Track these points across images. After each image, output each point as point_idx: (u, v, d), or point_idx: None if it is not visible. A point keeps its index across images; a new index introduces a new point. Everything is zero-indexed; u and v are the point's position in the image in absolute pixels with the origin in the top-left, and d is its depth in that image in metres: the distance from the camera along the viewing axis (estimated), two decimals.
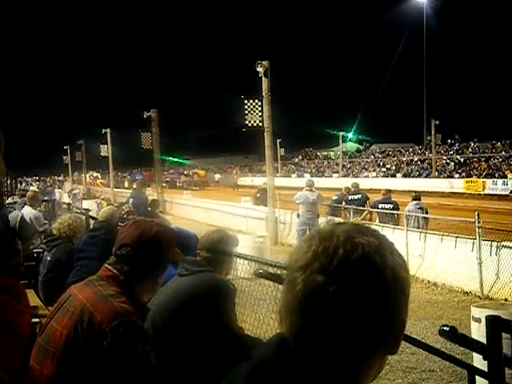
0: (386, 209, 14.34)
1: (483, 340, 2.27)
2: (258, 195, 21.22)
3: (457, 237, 11.29)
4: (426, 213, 14.12)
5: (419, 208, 13.96)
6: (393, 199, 14.96)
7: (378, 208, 14.53)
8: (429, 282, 11.34)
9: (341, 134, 59.24)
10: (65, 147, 54.40)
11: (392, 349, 1.07)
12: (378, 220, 14.39)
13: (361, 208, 14.92)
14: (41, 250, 7.44)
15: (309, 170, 64.91)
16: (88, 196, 33.71)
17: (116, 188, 42.12)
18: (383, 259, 1.04)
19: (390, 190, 15.42)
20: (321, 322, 1.02)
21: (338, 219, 14.45)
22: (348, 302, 1.01)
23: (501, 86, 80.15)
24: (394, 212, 14.21)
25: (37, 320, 3.72)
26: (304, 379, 1.03)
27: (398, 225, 13.60)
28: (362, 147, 72.53)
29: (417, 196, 14.44)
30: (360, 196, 15.35)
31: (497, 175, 39.49)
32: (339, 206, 15.84)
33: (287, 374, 1.03)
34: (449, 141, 51.99)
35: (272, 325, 4.06)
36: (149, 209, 13.60)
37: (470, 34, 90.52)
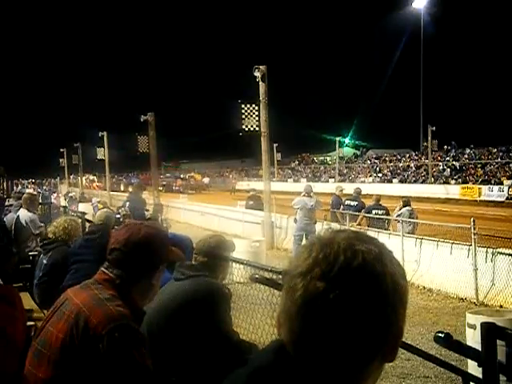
0: (379, 214, 14.43)
1: (478, 347, 2.27)
2: (251, 202, 21.10)
3: (452, 243, 11.30)
4: (417, 219, 14.21)
5: (412, 214, 14.06)
6: (383, 205, 15.07)
7: (370, 213, 14.59)
8: (424, 287, 11.34)
9: (337, 139, 59.03)
10: (61, 150, 54.45)
11: (390, 356, 1.08)
12: (367, 225, 14.42)
13: (356, 213, 14.94)
14: (36, 253, 7.41)
15: (305, 175, 64.95)
16: (84, 199, 33.61)
17: (112, 191, 42.07)
18: (383, 267, 1.05)
19: (379, 196, 15.58)
20: (320, 329, 1.02)
21: (334, 225, 14.48)
22: (348, 309, 1.01)
23: (497, 93, 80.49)
24: (388, 217, 14.31)
25: (32, 323, 3.71)
26: None
27: (387, 229, 13.68)
28: (358, 152, 72.54)
29: (408, 202, 14.48)
30: (356, 203, 15.39)
31: (493, 181, 39.54)
32: (336, 212, 15.86)
33: (286, 380, 1.03)
34: (445, 147, 52.10)
35: (267, 330, 4.06)
36: (146, 212, 13.58)
37: (467, 40, 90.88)
